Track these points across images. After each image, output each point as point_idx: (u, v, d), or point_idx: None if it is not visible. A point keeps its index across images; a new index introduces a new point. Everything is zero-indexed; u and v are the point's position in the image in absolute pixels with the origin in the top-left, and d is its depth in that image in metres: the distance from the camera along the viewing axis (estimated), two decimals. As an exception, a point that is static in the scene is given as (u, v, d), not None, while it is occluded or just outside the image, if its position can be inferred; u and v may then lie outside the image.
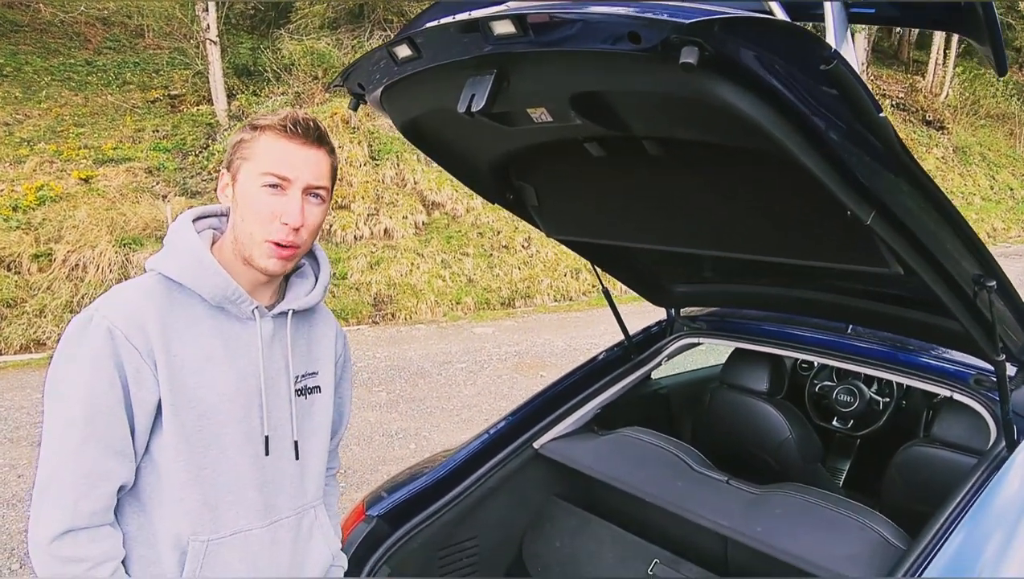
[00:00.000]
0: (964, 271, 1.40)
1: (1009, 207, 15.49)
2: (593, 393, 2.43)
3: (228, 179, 1.24)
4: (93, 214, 8.52)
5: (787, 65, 1.02)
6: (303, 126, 1.19)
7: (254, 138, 1.20)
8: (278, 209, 1.18)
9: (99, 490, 1.13)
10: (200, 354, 1.18)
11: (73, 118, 10.81)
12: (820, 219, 1.42)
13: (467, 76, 1.27)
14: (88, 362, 1.11)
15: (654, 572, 2.03)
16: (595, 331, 7.86)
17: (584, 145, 1.58)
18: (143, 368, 1.13)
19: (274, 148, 1.19)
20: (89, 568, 1.12)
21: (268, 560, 1.29)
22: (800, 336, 2.29)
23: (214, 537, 1.22)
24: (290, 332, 1.30)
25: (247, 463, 1.24)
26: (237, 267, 1.23)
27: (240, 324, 1.24)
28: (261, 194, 1.19)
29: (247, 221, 1.20)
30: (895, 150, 1.13)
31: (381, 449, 4.86)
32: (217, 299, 1.20)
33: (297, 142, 1.19)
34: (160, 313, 1.16)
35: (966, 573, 1.44)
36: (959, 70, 18.16)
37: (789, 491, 1.90)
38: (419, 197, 10.22)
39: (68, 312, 7.56)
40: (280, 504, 1.30)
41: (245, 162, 1.20)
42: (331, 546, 1.44)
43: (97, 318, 1.13)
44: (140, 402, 1.14)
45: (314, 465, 1.37)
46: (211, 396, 1.19)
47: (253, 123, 1.22)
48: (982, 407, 1.83)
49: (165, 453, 1.17)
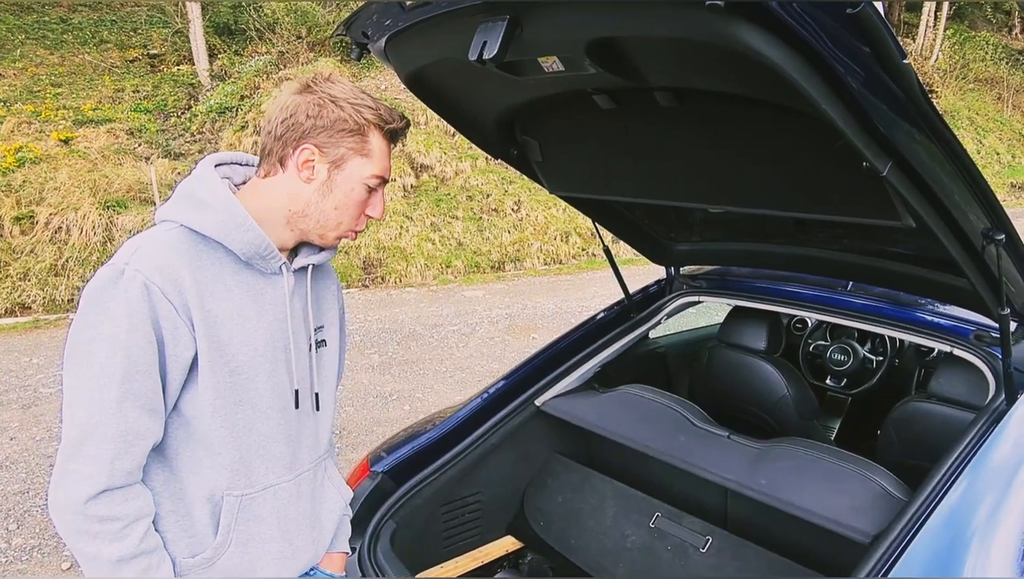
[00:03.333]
0: (974, 224, 1.40)
1: (996, 171, 15.56)
2: (593, 351, 2.44)
3: (322, 160, 1.19)
4: (75, 176, 8.35)
5: (814, 8, 0.99)
6: (403, 134, 1.27)
7: (365, 133, 1.20)
8: (368, 204, 1.25)
9: (136, 448, 1.11)
10: (232, 309, 1.17)
11: (50, 78, 10.53)
12: (833, 171, 1.41)
13: (478, 22, 1.23)
14: (124, 318, 1.07)
15: (656, 525, 2.06)
16: (585, 294, 7.88)
17: (593, 97, 1.56)
18: (180, 324, 1.11)
19: (385, 151, 1.24)
20: (124, 527, 1.11)
21: (294, 511, 1.31)
22: (801, 293, 2.30)
23: (247, 491, 1.23)
24: (309, 286, 1.30)
25: (276, 417, 1.25)
26: (270, 224, 1.21)
27: (265, 279, 1.23)
28: (363, 191, 1.23)
29: (340, 210, 1.22)
30: (916, 98, 1.11)
31: (376, 410, 4.88)
32: (248, 255, 1.19)
33: (393, 146, 1.27)
34: (191, 268, 1.13)
35: (967, 523, 1.47)
36: (949, 32, 18.07)
37: (790, 445, 1.92)
38: (407, 159, 10.11)
39: (53, 275, 7.47)
40: (302, 456, 1.32)
41: (356, 156, 1.21)
42: (343, 495, 1.48)
43: (129, 272, 1.08)
44: (175, 358, 1.12)
45: (328, 416, 1.39)
46: (244, 352, 1.18)
47: (361, 114, 1.19)
48: (982, 362, 1.85)
49: (201, 409, 1.16)
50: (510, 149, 1.93)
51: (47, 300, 7.31)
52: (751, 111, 1.38)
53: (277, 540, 1.28)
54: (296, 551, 1.32)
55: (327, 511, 1.42)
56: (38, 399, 5.03)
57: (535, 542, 2.28)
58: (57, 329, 6.74)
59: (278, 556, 1.28)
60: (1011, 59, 18.91)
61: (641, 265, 2.73)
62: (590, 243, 9.80)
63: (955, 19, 18.77)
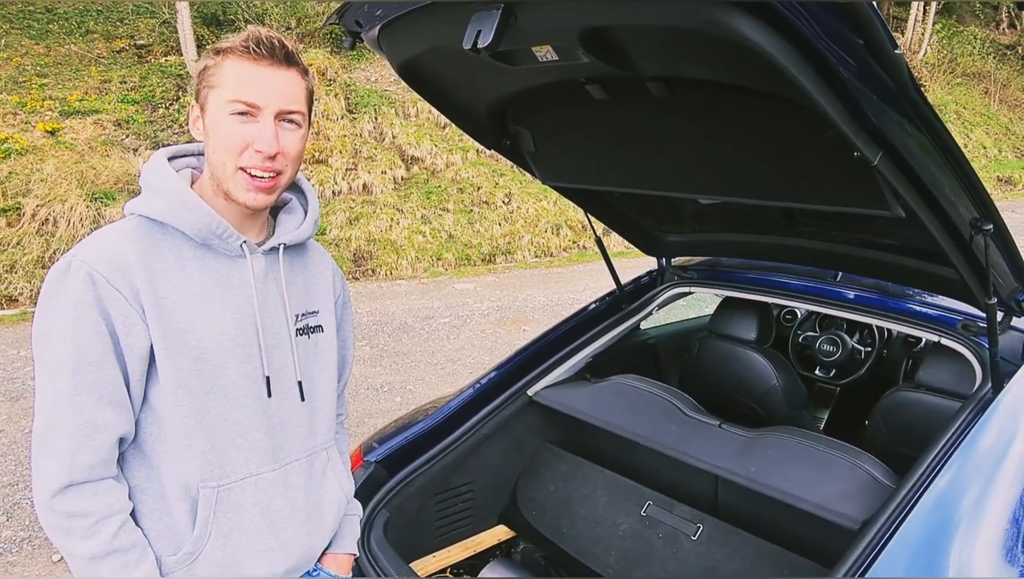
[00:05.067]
0: (963, 214, 1.41)
1: (983, 165, 15.67)
2: (585, 342, 2.45)
3: (198, 112, 1.17)
4: (61, 168, 8.27)
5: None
6: (267, 45, 1.11)
7: (217, 64, 1.13)
8: (249, 136, 1.12)
9: (96, 442, 1.08)
10: (190, 295, 1.14)
11: (35, 68, 10.40)
12: (824, 161, 1.42)
13: (473, 11, 1.23)
14: (70, 310, 1.06)
15: (647, 514, 2.08)
16: (576, 286, 7.89)
17: (586, 87, 1.56)
18: (130, 313, 1.09)
19: (239, 72, 1.11)
20: (94, 523, 1.08)
21: (283, 503, 1.27)
22: (791, 284, 2.32)
23: (224, 482, 1.19)
24: (283, 268, 1.25)
25: (252, 406, 1.21)
26: (219, 203, 1.18)
27: (230, 261, 1.19)
28: (231, 122, 1.12)
29: (218, 152, 1.14)
30: (907, 88, 1.12)
31: (367, 402, 4.88)
32: (202, 235, 1.15)
33: (264, 64, 1.12)
34: (142, 255, 1.11)
35: (954, 509, 1.49)
36: (938, 27, 18.15)
37: (780, 434, 1.94)
38: (398, 152, 10.07)
39: (40, 268, 7.39)
40: (289, 446, 1.28)
41: (211, 91, 1.13)
42: (345, 489, 1.43)
43: (76, 264, 1.08)
44: (130, 348, 1.10)
45: (323, 406, 1.35)
46: (208, 338, 1.15)
47: (216, 47, 1.14)
48: (968, 351, 1.87)
49: (164, 400, 1.13)
50: (502, 139, 1.93)
51: (34, 292, 7.24)
52: (743, 101, 1.39)
53: (262, 531, 1.24)
54: (285, 543, 1.27)
55: (328, 503, 1.38)
56: (26, 391, 5.00)
57: (527, 531, 2.29)
58: (44, 322, 6.68)
59: (264, 548, 1.24)
60: (998, 54, 19.02)
61: (632, 257, 2.74)
62: (581, 236, 9.81)
63: (943, 14, 18.85)
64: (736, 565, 1.88)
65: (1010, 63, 19.33)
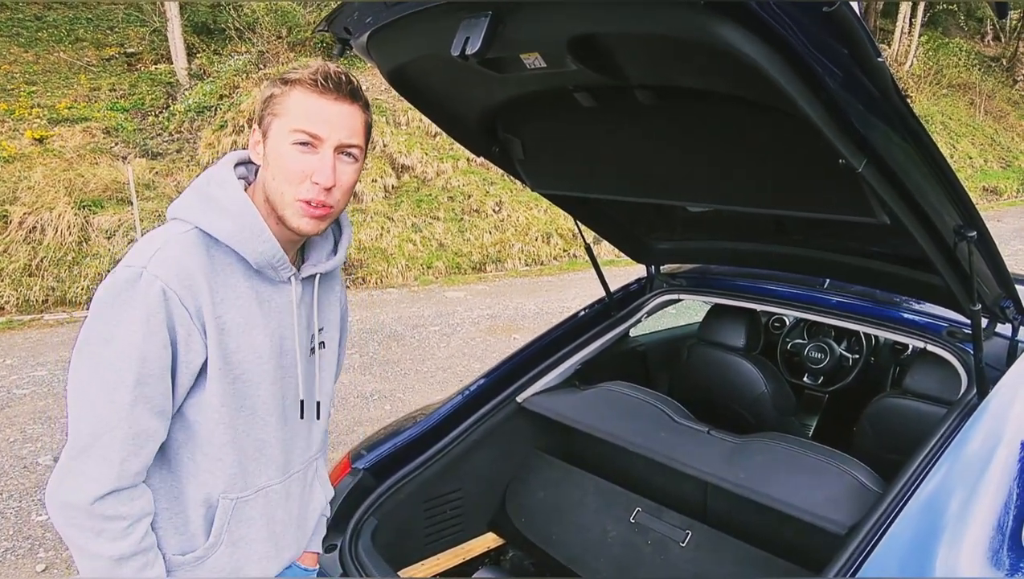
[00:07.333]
0: (947, 221, 1.43)
1: (968, 175, 15.83)
2: (574, 349, 2.45)
3: (259, 136, 1.19)
4: (49, 175, 8.22)
5: (792, 6, 1.01)
6: (335, 80, 1.14)
7: (284, 93, 1.14)
8: (309, 168, 1.14)
9: (145, 450, 1.11)
10: (240, 317, 1.16)
11: (24, 76, 10.36)
12: (810, 168, 1.43)
13: (461, 18, 1.24)
14: (141, 325, 1.06)
15: (636, 520, 2.08)
16: (566, 295, 7.91)
17: (575, 95, 1.57)
18: (193, 331, 1.11)
19: (305, 104, 1.13)
20: (128, 526, 1.11)
21: (282, 513, 1.32)
22: (779, 292, 2.33)
23: (242, 495, 1.23)
24: (317, 295, 1.29)
25: (274, 424, 1.25)
26: (270, 225, 1.19)
27: (273, 286, 1.22)
28: (292, 152, 1.13)
29: (277, 180, 1.15)
30: (891, 96, 1.14)
31: (356, 410, 4.86)
32: (260, 264, 1.18)
33: (329, 97, 1.14)
34: (206, 274, 1.12)
35: (940, 514, 1.50)
36: (924, 39, 18.37)
37: (769, 440, 1.95)
38: (388, 160, 10.08)
39: (27, 276, 7.34)
40: (294, 459, 1.33)
41: (276, 119, 1.15)
42: (327, 494, 1.48)
43: (147, 277, 1.07)
44: (186, 364, 1.12)
45: (323, 418, 1.39)
46: (249, 360, 1.18)
47: (284, 77, 1.16)
48: (954, 358, 1.89)
49: (206, 415, 1.16)
50: (492, 147, 1.94)
51: (20, 301, 7.18)
52: (730, 109, 1.40)
53: (264, 541, 1.29)
54: (280, 551, 1.33)
55: (311, 511, 1.43)
56: (11, 401, 4.95)
57: (516, 538, 2.28)
58: (31, 330, 6.62)
59: (264, 556, 1.30)
60: (983, 66, 19.26)
61: (622, 266, 2.75)
62: (571, 244, 9.83)
63: (929, 26, 19.09)
64: (725, 571, 1.88)
65: (995, 75, 19.59)
